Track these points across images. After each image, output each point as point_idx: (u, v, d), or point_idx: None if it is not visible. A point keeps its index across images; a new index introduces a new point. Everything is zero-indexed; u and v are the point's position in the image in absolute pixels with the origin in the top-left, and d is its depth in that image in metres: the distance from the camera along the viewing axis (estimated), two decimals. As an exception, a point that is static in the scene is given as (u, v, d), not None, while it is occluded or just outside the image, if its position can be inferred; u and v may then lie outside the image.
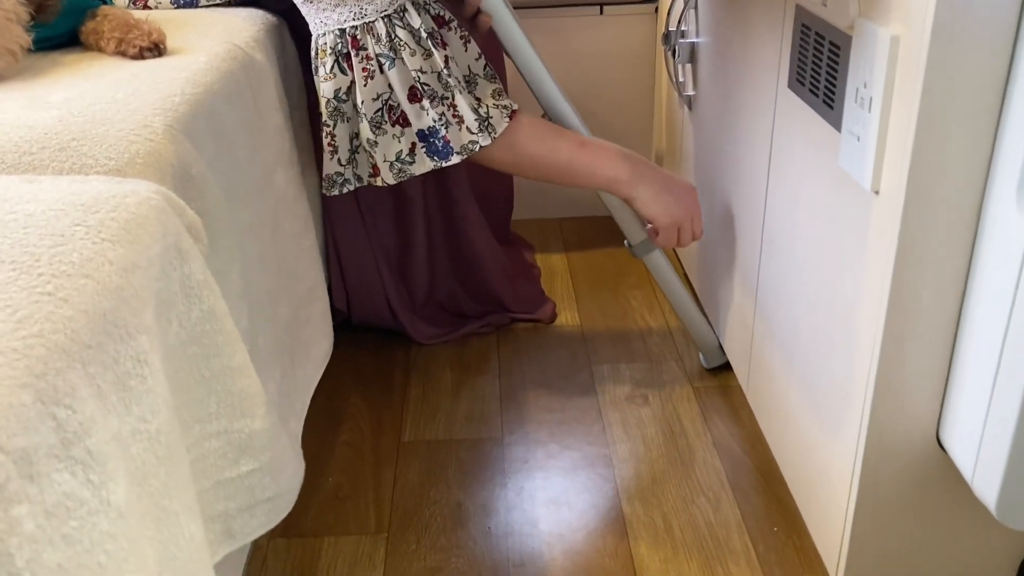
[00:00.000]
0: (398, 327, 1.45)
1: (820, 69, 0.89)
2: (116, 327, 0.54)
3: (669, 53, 1.49)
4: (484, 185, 1.55)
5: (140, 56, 0.95)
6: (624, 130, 1.81)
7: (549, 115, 1.24)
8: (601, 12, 1.71)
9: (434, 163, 1.10)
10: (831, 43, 0.86)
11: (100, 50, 0.98)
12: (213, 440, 0.71)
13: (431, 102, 1.07)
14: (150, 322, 0.59)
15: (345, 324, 1.46)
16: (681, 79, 1.49)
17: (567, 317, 1.53)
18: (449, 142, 1.09)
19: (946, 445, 0.83)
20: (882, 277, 0.78)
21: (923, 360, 0.80)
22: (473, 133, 1.09)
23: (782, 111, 1.02)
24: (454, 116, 1.09)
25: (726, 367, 1.36)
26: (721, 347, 1.35)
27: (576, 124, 1.23)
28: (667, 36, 1.47)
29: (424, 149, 1.10)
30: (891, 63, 0.73)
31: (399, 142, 1.10)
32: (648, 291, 1.59)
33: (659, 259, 1.30)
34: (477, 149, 1.10)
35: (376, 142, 1.09)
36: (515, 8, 1.21)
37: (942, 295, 0.77)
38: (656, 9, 1.71)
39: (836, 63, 0.85)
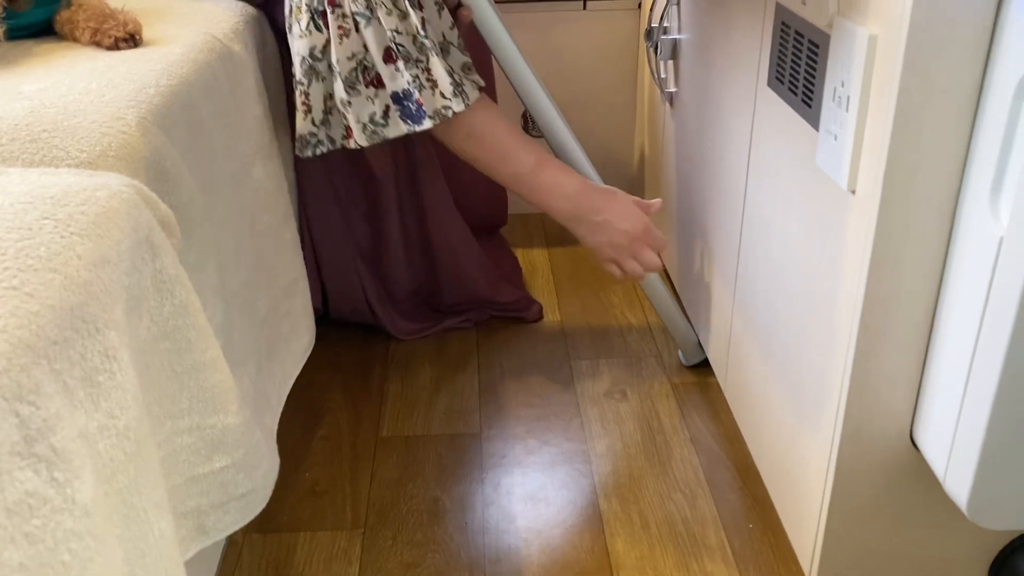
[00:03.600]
0: (377, 323, 1.44)
1: (799, 68, 0.89)
2: (84, 322, 0.54)
3: (651, 49, 1.48)
4: (475, 181, 1.53)
5: (115, 47, 0.94)
6: (606, 126, 1.81)
7: (529, 111, 1.24)
8: (584, 7, 1.70)
9: (408, 126, 1.09)
10: (810, 41, 0.86)
11: (75, 40, 0.97)
12: (185, 436, 0.70)
13: (405, 64, 1.06)
14: (120, 317, 0.58)
15: (323, 318, 1.45)
16: (663, 75, 1.49)
17: (547, 313, 1.53)
18: (422, 105, 1.08)
19: (919, 444, 0.83)
20: (858, 276, 0.79)
21: (898, 358, 0.81)
22: (447, 98, 1.08)
23: (761, 109, 1.02)
24: (428, 80, 1.08)
25: (705, 364, 1.36)
26: (700, 344, 1.36)
27: (556, 119, 1.23)
28: (649, 32, 1.47)
29: (398, 112, 1.09)
30: (868, 62, 0.74)
31: (372, 103, 1.09)
32: (628, 287, 1.59)
33: None
34: (450, 115, 1.09)
35: (350, 102, 1.08)
36: (497, 2, 1.20)
37: (917, 294, 0.78)
38: (639, 5, 1.71)
39: (815, 62, 0.85)
